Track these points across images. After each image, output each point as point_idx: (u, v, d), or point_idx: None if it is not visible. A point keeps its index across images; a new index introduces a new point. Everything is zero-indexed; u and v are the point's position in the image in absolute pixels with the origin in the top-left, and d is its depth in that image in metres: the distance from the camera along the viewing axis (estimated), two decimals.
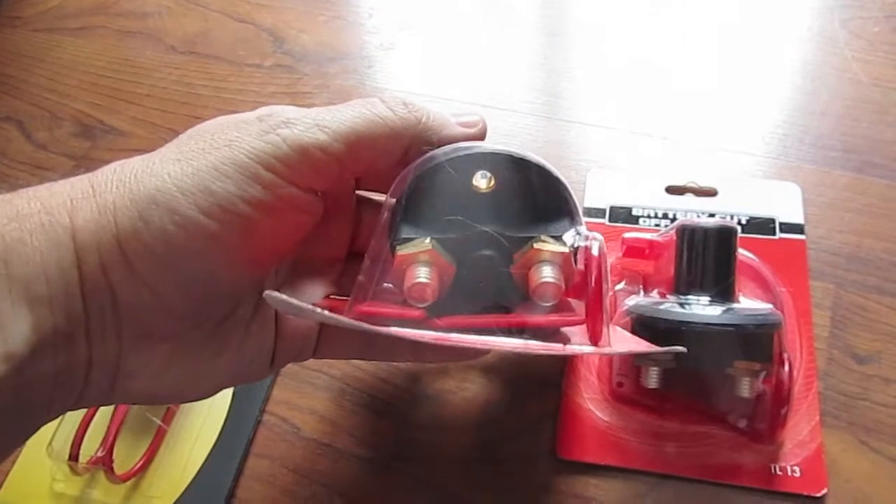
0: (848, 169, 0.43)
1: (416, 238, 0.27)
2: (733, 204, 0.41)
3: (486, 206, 0.27)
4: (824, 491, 0.33)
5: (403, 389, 0.38)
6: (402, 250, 0.27)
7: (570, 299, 0.30)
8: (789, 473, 0.33)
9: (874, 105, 0.46)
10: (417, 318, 0.27)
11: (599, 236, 0.29)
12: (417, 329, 0.26)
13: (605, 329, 0.28)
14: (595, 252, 0.29)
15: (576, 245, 0.28)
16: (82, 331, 0.23)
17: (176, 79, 0.56)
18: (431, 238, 0.27)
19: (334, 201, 0.30)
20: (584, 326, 0.29)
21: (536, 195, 0.28)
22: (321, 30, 0.59)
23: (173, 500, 0.36)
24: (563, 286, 0.27)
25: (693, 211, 0.41)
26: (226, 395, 0.39)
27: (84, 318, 0.23)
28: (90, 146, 0.52)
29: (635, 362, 0.35)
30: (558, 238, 0.28)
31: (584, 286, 0.29)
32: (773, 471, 0.33)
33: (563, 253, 0.27)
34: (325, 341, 0.31)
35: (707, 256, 0.35)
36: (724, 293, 0.35)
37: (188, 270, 0.23)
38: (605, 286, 0.29)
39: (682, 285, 0.36)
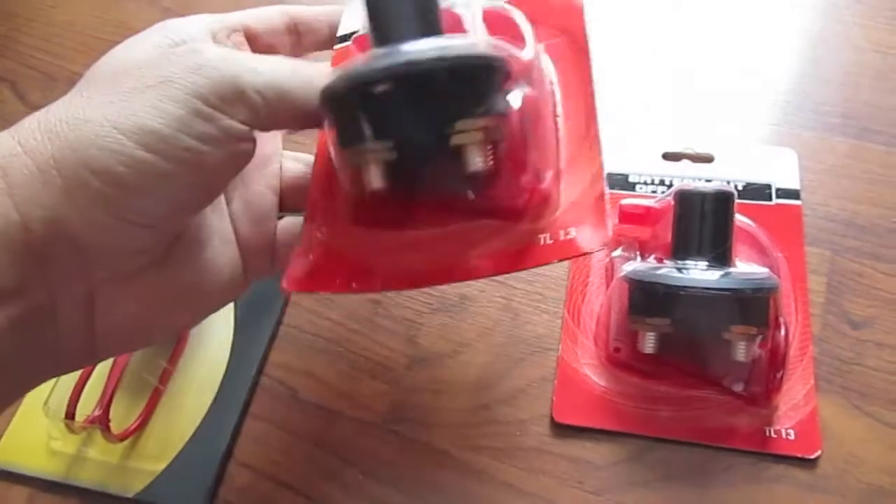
0: (847, 135, 0.43)
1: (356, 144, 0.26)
2: (730, 170, 0.41)
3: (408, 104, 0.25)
4: (818, 453, 0.33)
5: (400, 353, 0.38)
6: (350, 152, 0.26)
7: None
8: (784, 436, 0.33)
9: (874, 71, 0.46)
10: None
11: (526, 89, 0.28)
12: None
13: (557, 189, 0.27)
14: (516, 105, 0.27)
15: (502, 109, 0.26)
16: (37, 282, 0.23)
17: None
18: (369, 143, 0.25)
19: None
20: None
21: (449, 89, 0.25)
22: None
23: (170, 460, 0.36)
24: (491, 162, 0.26)
25: (690, 177, 0.41)
26: (223, 357, 0.39)
27: (37, 271, 0.23)
28: None
29: (631, 327, 0.35)
30: (483, 112, 0.25)
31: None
32: (767, 434, 0.34)
33: (478, 133, 0.25)
34: (280, 257, 0.31)
35: (704, 221, 0.35)
36: (721, 258, 0.35)
37: (143, 207, 0.24)
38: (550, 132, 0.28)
39: (680, 250, 0.36)
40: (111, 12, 0.57)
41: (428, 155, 0.26)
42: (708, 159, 0.42)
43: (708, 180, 0.41)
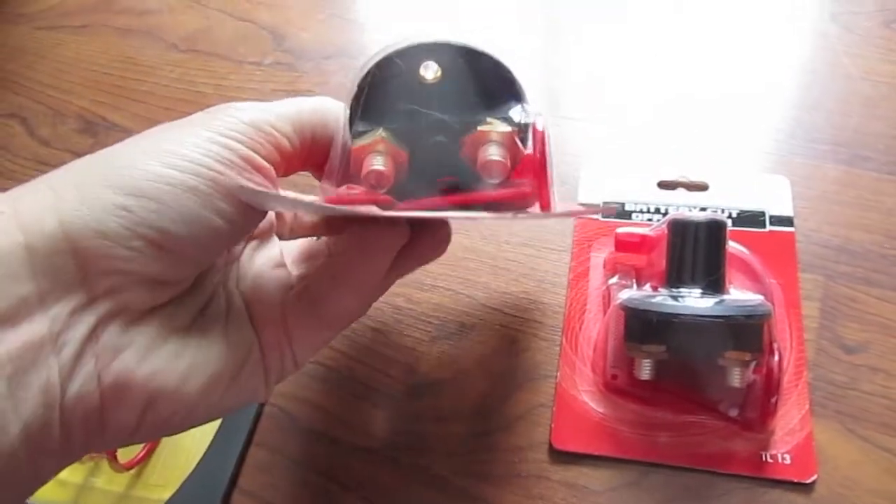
0: (838, 162, 0.44)
1: (369, 130, 0.28)
2: (724, 198, 0.42)
3: (434, 94, 0.29)
4: (814, 477, 0.33)
5: (400, 380, 0.39)
6: (357, 143, 0.28)
7: (523, 180, 0.30)
8: (780, 461, 0.34)
9: (864, 99, 0.47)
10: (384, 203, 0.28)
11: (543, 112, 0.30)
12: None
13: (550, 195, 0.29)
14: (539, 127, 0.29)
15: (521, 122, 0.29)
16: (38, 307, 0.23)
17: (177, 76, 0.56)
18: (384, 128, 0.28)
19: None
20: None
21: (482, 81, 0.29)
22: (320, 28, 0.59)
23: (175, 489, 0.37)
24: (509, 164, 0.28)
25: (684, 205, 0.42)
26: None
27: (36, 297, 0.22)
28: (93, 142, 0.53)
29: (628, 354, 0.36)
30: (505, 119, 0.29)
31: (534, 162, 0.29)
32: (763, 458, 0.34)
33: (507, 132, 0.28)
34: (298, 341, 0.31)
35: (697, 249, 0.36)
36: (714, 285, 0.35)
37: (159, 222, 0.24)
38: (549, 157, 0.29)
39: (674, 278, 0.36)
40: (118, 49, 0.59)
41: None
42: (703, 187, 0.43)
43: (703, 208, 0.42)
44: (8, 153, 0.52)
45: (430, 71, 0.29)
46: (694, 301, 0.35)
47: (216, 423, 0.39)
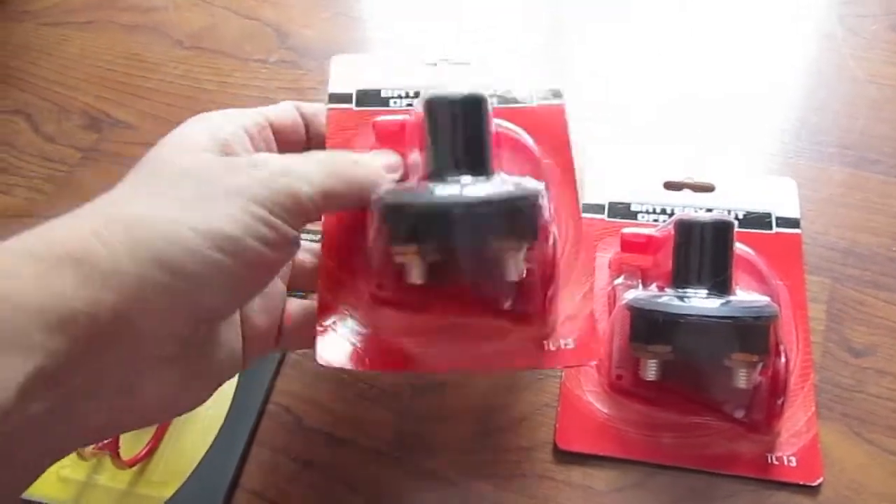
0: (845, 164, 0.44)
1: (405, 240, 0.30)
2: (730, 199, 0.42)
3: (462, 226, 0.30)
4: (820, 480, 0.33)
5: (404, 380, 0.39)
6: (396, 250, 0.30)
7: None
8: (785, 463, 0.34)
9: (870, 101, 0.47)
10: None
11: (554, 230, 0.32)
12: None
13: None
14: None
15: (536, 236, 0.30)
16: (87, 367, 0.24)
17: (182, 73, 0.56)
18: (418, 246, 0.30)
19: None
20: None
21: (506, 217, 0.30)
22: (325, 25, 0.59)
23: (178, 486, 0.37)
24: (524, 273, 0.30)
25: (691, 206, 0.42)
26: (230, 386, 0.40)
27: (92, 356, 0.24)
28: (98, 138, 0.52)
29: (633, 355, 0.36)
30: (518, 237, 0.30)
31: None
32: (769, 460, 0.34)
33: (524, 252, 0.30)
34: (287, 336, 0.34)
35: (704, 250, 0.36)
36: (721, 286, 0.35)
37: (205, 300, 0.26)
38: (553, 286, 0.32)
39: (680, 278, 0.36)
40: (123, 45, 0.59)
41: (469, 262, 0.31)
42: (709, 189, 0.43)
43: (709, 209, 0.41)
44: (13, 149, 0.52)
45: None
46: (700, 302, 0.35)
47: (219, 422, 0.39)
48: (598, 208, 0.43)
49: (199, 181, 0.27)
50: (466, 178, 0.31)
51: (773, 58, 0.51)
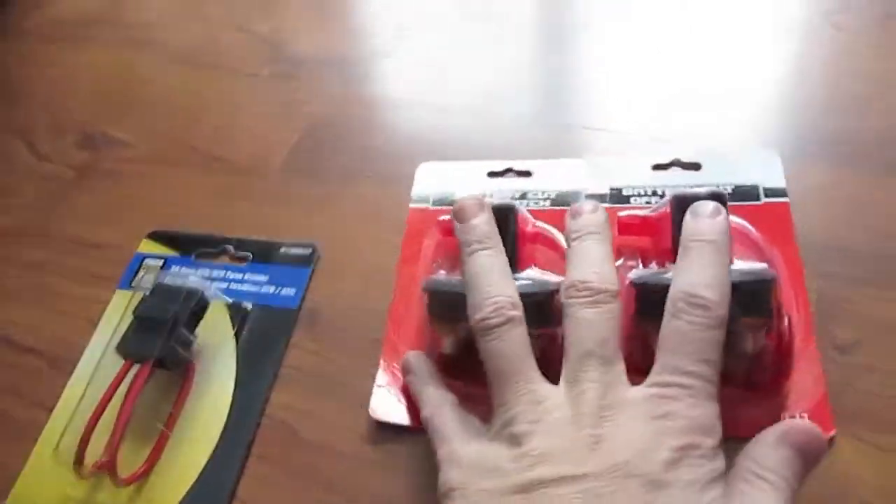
0: (831, 162, 0.44)
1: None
2: (718, 175, 0.43)
3: None
4: (833, 433, 0.34)
5: None
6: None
7: None
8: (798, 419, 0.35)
9: (857, 98, 0.47)
10: None
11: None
12: None
13: None
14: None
15: None
16: None
17: (176, 88, 0.56)
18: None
19: None
20: None
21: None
22: (318, 37, 0.60)
23: (177, 502, 0.36)
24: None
25: (680, 185, 0.43)
26: (226, 399, 0.40)
27: None
28: (93, 156, 0.52)
29: (640, 328, 0.36)
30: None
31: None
32: (783, 419, 0.35)
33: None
34: None
35: None
36: None
37: None
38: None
39: None
40: (118, 61, 0.59)
41: None
42: (696, 167, 0.44)
43: (699, 187, 0.43)
44: (8, 167, 0.51)
45: None
46: None
47: (216, 436, 0.38)
48: (601, 197, 0.44)
49: None
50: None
51: (759, 54, 0.51)
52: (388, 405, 0.38)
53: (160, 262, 0.47)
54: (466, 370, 0.37)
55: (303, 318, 0.43)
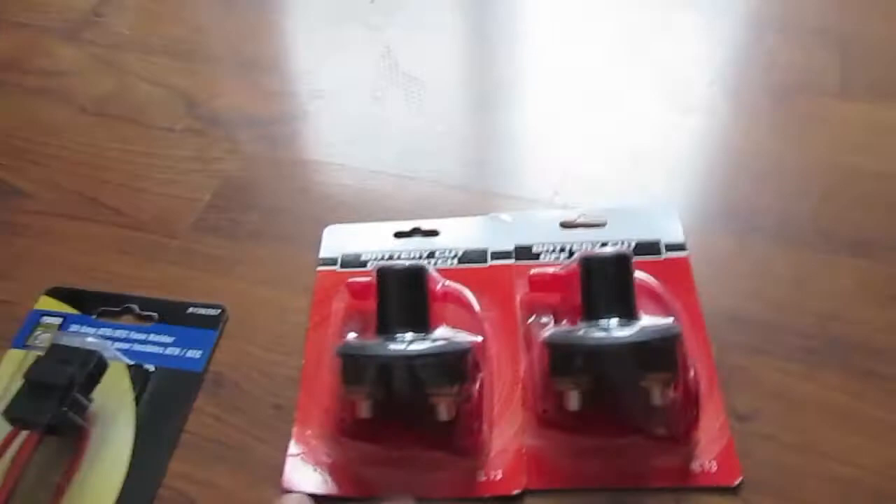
0: (730, 232, 0.46)
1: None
2: (621, 231, 0.45)
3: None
4: (739, 479, 0.35)
5: None
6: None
7: None
8: (707, 468, 0.35)
9: (754, 172, 0.50)
10: None
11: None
12: None
13: None
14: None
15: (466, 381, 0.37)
16: None
17: (85, 140, 0.55)
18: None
19: None
20: None
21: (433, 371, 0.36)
22: (235, 95, 0.59)
23: None
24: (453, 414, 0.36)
25: (587, 241, 0.44)
26: (122, 468, 0.38)
27: None
28: None
29: (556, 387, 0.37)
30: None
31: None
32: (692, 469, 0.35)
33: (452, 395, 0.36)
34: None
35: (609, 282, 0.39)
36: (628, 313, 0.38)
37: None
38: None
39: (591, 311, 0.38)
40: (26, 110, 0.57)
41: (410, 404, 0.36)
42: (601, 224, 0.46)
43: (604, 243, 0.44)
44: None
45: None
46: (612, 331, 0.37)
47: None
48: (507, 254, 0.45)
49: None
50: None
51: (659, 128, 0.53)
52: (301, 474, 0.37)
53: (58, 321, 0.45)
54: (384, 434, 0.37)
55: (208, 381, 0.42)
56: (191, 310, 0.45)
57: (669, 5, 0.65)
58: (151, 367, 0.42)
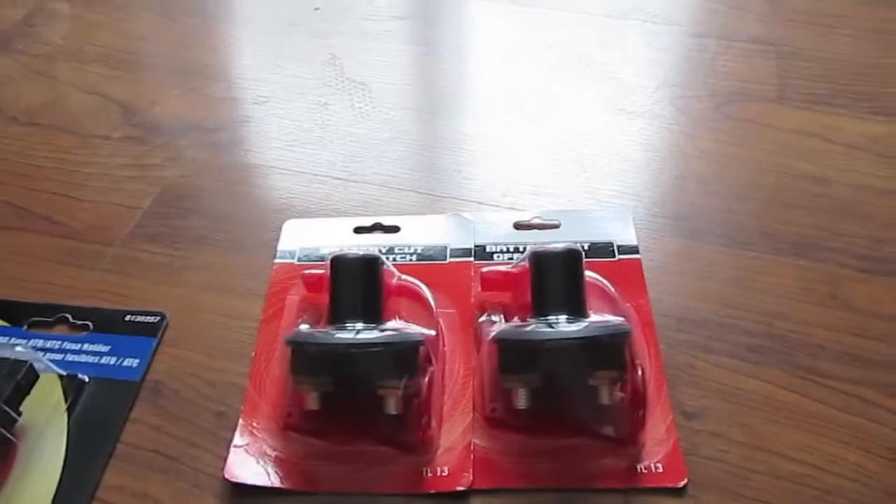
0: (677, 235, 0.47)
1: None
2: (575, 233, 0.45)
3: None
4: (685, 481, 0.35)
5: None
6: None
7: None
8: (653, 470, 0.35)
9: (699, 176, 0.51)
10: None
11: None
12: None
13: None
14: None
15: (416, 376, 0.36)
16: None
17: (16, 150, 0.53)
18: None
19: None
20: None
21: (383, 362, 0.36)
22: (175, 102, 0.58)
23: None
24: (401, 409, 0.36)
25: (540, 242, 0.44)
26: (51, 483, 0.36)
27: None
28: None
29: (504, 386, 0.36)
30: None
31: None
32: (638, 470, 0.35)
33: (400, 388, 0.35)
34: None
35: (559, 278, 0.38)
36: (577, 310, 0.38)
37: None
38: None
39: (540, 308, 0.38)
40: None
41: (358, 396, 0.36)
42: (555, 226, 0.46)
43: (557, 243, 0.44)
44: None
45: None
46: (561, 327, 0.36)
47: None
48: (467, 252, 0.45)
49: None
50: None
51: (608, 135, 0.54)
52: (246, 466, 0.35)
53: None
54: (332, 427, 0.36)
55: (145, 390, 0.40)
56: (128, 318, 0.43)
57: (613, 14, 0.66)
58: (86, 378, 0.40)
